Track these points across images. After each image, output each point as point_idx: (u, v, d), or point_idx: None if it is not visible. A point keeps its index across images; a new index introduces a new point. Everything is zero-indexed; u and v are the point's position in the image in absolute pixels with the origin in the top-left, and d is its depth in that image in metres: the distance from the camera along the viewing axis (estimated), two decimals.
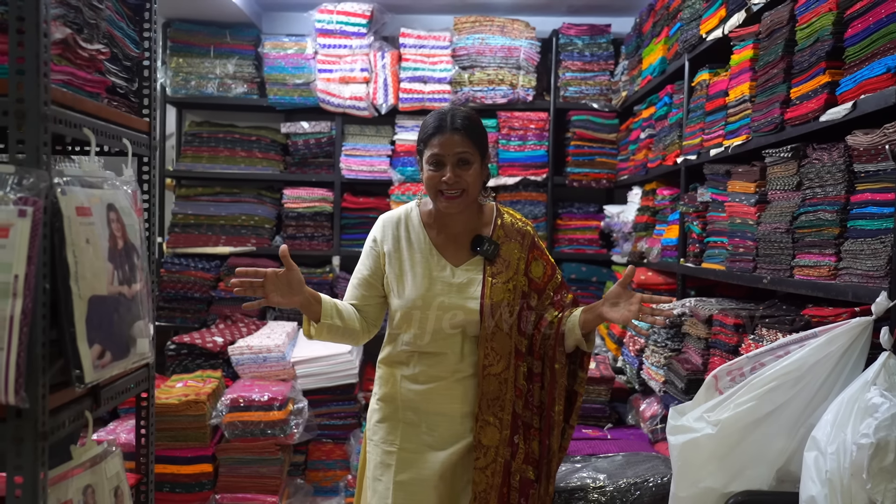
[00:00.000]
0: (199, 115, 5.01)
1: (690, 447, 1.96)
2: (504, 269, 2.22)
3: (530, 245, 2.28)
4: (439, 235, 2.26)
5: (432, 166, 2.14)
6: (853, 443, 1.55)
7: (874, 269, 1.83)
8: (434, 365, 2.21)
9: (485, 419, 2.17)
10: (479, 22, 4.65)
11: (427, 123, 2.20)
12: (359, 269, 2.31)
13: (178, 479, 3.41)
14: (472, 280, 2.20)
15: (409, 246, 2.25)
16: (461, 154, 2.13)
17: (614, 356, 3.85)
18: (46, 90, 1.56)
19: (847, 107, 1.92)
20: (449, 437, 2.20)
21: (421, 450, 2.20)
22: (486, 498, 2.16)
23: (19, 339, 1.43)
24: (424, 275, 2.20)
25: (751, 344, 2.31)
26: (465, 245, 2.24)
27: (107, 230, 1.69)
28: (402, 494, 2.18)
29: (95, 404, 1.80)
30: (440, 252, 2.23)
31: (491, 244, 2.22)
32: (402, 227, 2.28)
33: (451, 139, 2.12)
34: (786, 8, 2.31)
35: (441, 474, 2.18)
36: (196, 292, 4.57)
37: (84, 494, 1.70)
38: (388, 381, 2.28)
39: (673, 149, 3.45)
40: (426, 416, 2.21)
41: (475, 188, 2.19)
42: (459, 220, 2.23)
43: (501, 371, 2.19)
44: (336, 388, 3.98)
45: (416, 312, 2.17)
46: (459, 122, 2.15)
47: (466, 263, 2.23)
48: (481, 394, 2.18)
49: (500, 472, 2.16)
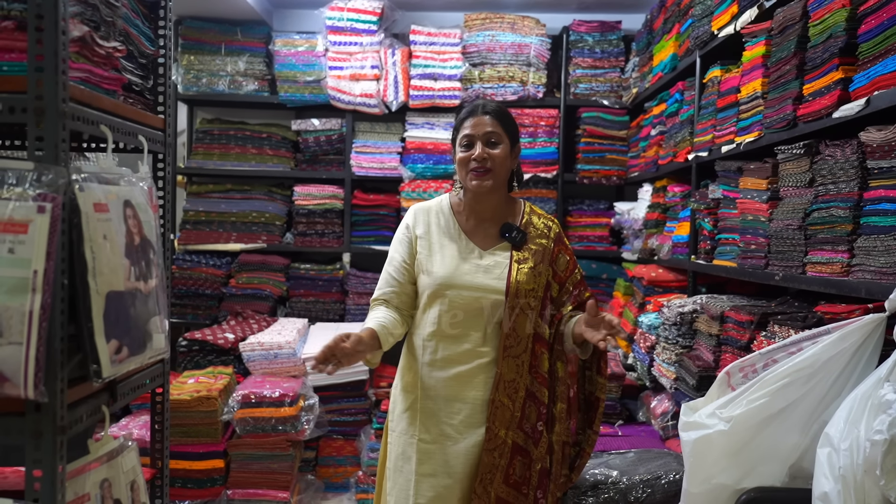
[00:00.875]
0: (210, 112, 5.03)
1: (703, 443, 1.96)
2: (530, 256, 2.28)
3: (556, 238, 2.35)
4: (468, 221, 2.34)
5: (463, 147, 2.27)
6: (867, 439, 1.55)
7: (888, 266, 1.83)
8: (456, 349, 2.24)
9: (500, 401, 2.21)
10: (490, 19, 4.65)
11: (460, 114, 2.34)
12: (392, 258, 2.36)
13: (189, 474, 3.44)
14: (499, 263, 2.27)
15: (439, 231, 2.34)
16: (490, 134, 2.25)
17: (625, 353, 3.85)
18: (65, 87, 1.57)
19: (860, 103, 1.92)
20: (469, 425, 2.22)
21: (441, 440, 2.22)
22: (491, 477, 2.19)
23: (38, 333, 1.44)
24: (453, 255, 2.28)
25: (763, 341, 2.31)
26: (493, 232, 2.32)
27: (123, 226, 1.71)
28: (425, 487, 2.20)
29: (112, 399, 1.81)
30: (469, 237, 2.32)
31: (519, 232, 2.30)
32: (433, 214, 2.37)
33: (482, 120, 2.26)
34: (798, 4, 2.30)
35: (463, 468, 2.21)
36: (207, 289, 4.59)
37: (101, 488, 1.71)
38: (411, 369, 2.31)
39: (684, 146, 3.45)
40: (446, 403, 2.24)
41: (503, 169, 2.28)
42: (488, 206, 2.32)
43: (520, 354, 2.23)
44: (347, 385, 3.99)
45: (444, 290, 2.23)
46: (490, 108, 2.30)
47: (494, 248, 2.30)
48: (499, 375, 2.22)
49: (508, 454, 2.20)
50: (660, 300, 3.43)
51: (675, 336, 3.03)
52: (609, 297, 4.60)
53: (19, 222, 1.44)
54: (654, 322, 3.35)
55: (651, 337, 3.35)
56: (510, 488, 2.21)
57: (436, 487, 2.20)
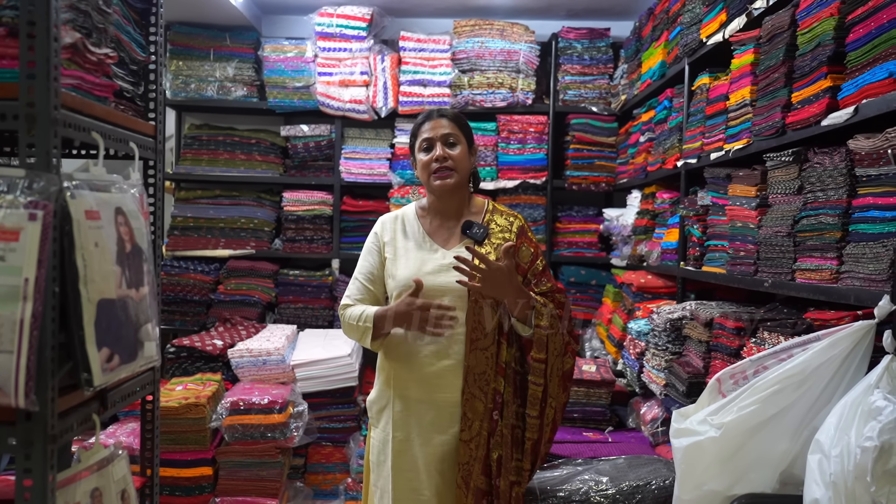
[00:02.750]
0: (199, 118, 5.01)
1: (694, 450, 1.97)
2: (493, 250, 2.35)
3: (519, 231, 2.42)
4: (432, 224, 2.45)
5: (424, 151, 2.40)
6: (857, 446, 1.55)
7: (876, 273, 1.84)
8: (424, 350, 2.31)
9: (471, 392, 2.29)
10: (479, 25, 4.67)
11: (416, 121, 2.47)
12: (362, 266, 2.45)
13: (178, 482, 3.41)
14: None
15: (404, 236, 2.44)
16: (448, 135, 2.38)
17: (614, 359, 3.86)
18: (56, 94, 1.56)
19: (849, 111, 1.94)
20: (438, 426, 2.31)
21: (413, 439, 2.32)
22: (470, 469, 2.28)
23: (29, 342, 1.43)
24: (416, 257, 2.38)
25: (752, 347, 2.32)
26: (455, 231, 2.42)
27: (115, 233, 1.70)
28: (401, 481, 2.31)
29: (103, 407, 1.80)
30: (432, 237, 2.42)
31: (480, 227, 2.39)
32: (399, 221, 2.48)
33: (439, 122, 2.40)
34: (787, 13, 2.32)
35: (436, 466, 2.30)
36: (195, 295, 4.57)
37: (91, 497, 1.70)
38: (384, 370, 2.41)
39: (673, 152, 3.47)
40: (417, 404, 2.33)
41: (464, 169, 2.40)
42: (451, 205, 2.43)
43: (488, 346, 2.30)
44: (336, 392, 3.98)
45: (408, 290, 2.28)
46: (445, 111, 2.44)
47: (457, 246, 2.39)
48: (468, 368, 2.29)
49: (484, 445, 2.28)
50: (649, 306, 3.45)
51: (665, 342, 3.04)
52: (598, 303, 4.61)
53: (10, 230, 1.43)
54: (643, 328, 3.36)
55: (640, 343, 3.36)
56: (486, 478, 2.29)
57: (411, 482, 2.31)
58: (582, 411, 3.42)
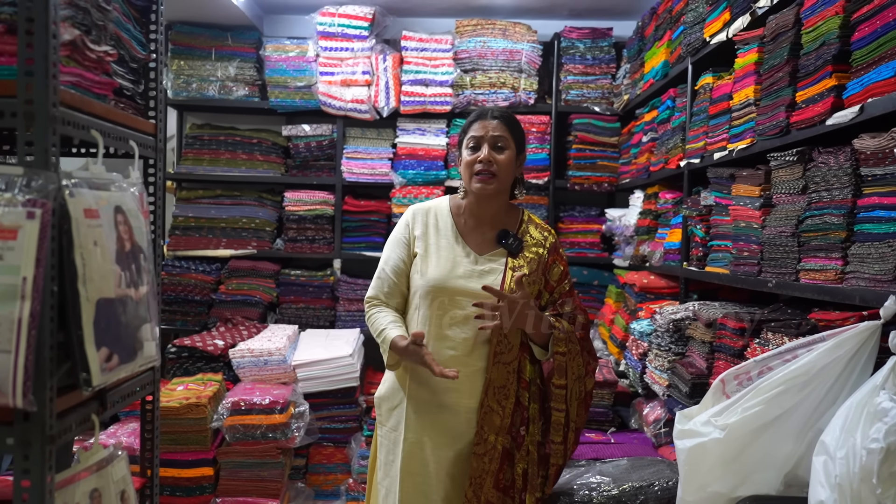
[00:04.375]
0: (200, 117, 5.00)
1: (698, 451, 1.96)
2: (525, 264, 2.31)
3: (552, 248, 2.38)
4: (466, 225, 2.38)
5: (470, 150, 2.32)
6: (863, 447, 1.54)
7: (882, 273, 1.83)
8: (444, 354, 2.26)
9: (489, 406, 2.24)
10: (481, 25, 4.65)
11: (469, 117, 2.38)
12: (389, 257, 2.38)
13: (178, 482, 3.40)
14: (494, 270, 2.30)
15: (436, 232, 2.36)
16: (497, 138, 2.30)
17: (617, 360, 3.84)
18: (55, 92, 1.55)
19: (854, 110, 1.92)
20: (453, 433, 2.27)
21: (425, 442, 2.26)
22: (481, 483, 2.23)
23: (27, 341, 1.42)
24: (448, 258, 2.30)
25: (756, 348, 2.31)
26: (490, 237, 2.35)
27: (114, 232, 1.68)
28: (409, 484, 2.26)
29: (102, 407, 1.79)
30: (465, 240, 2.35)
31: (516, 239, 2.33)
32: (432, 214, 2.40)
33: (489, 124, 2.31)
34: (791, 11, 2.31)
35: (447, 470, 2.26)
36: (197, 295, 4.56)
37: (90, 498, 1.69)
38: (398, 369, 2.34)
39: (676, 152, 3.45)
40: (431, 408, 2.28)
41: (507, 175, 2.32)
42: (488, 211, 2.36)
43: (511, 361, 2.26)
44: (337, 392, 3.97)
45: (437, 292, 2.26)
46: (498, 112, 2.35)
47: (490, 253, 2.33)
48: (489, 381, 2.24)
49: (498, 459, 2.24)
50: (652, 307, 3.43)
51: (668, 343, 3.02)
52: (601, 303, 4.60)
53: (8, 228, 1.42)
54: (646, 329, 3.34)
55: (643, 344, 3.34)
56: (499, 492, 2.24)
57: (419, 486, 2.26)
58: None
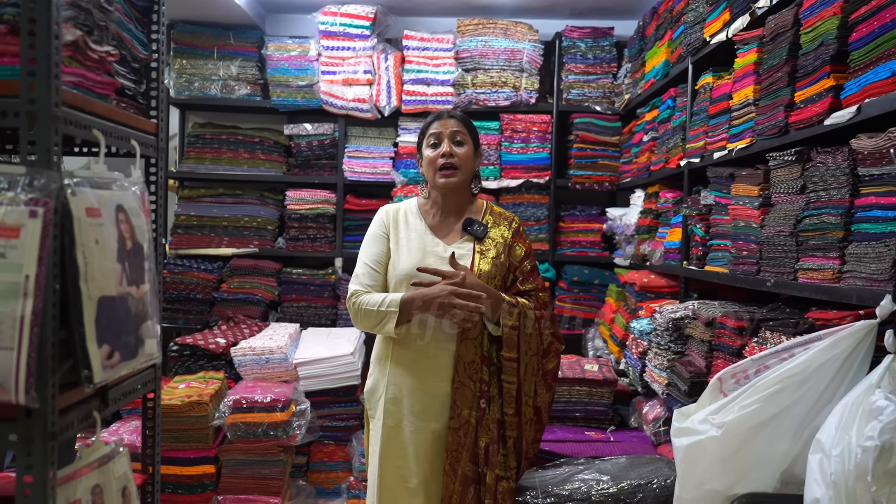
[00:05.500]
0: (203, 116, 5.02)
1: (695, 449, 1.97)
2: (491, 247, 2.48)
3: (515, 231, 2.56)
4: (434, 219, 2.57)
5: (431, 147, 2.50)
6: (858, 445, 1.55)
7: (878, 273, 1.84)
8: (420, 340, 2.42)
9: (461, 381, 2.40)
10: (483, 24, 4.66)
11: (427, 120, 2.59)
12: (369, 252, 2.54)
13: (180, 479, 3.42)
14: (463, 256, 2.47)
15: (406, 227, 2.55)
16: (457, 133, 2.50)
17: (617, 359, 3.85)
18: (57, 91, 1.56)
19: (852, 110, 1.93)
20: (428, 414, 2.42)
21: (403, 426, 2.42)
22: (458, 456, 2.38)
23: (30, 339, 1.43)
24: (418, 249, 2.49)
25: (754, 347, 2.32)
26: (457, 228, 2.55)
27: (116, 231, 1.70)
28: (389, 467, 2.44)
29: (103, 404, 1.80)
30: (433, 232, 2.54)
31: (480, 225, 2.51)
32: (402, 213, 2.59)
33: (448, 122, 2.52)
34: (790, 12, 2.32)
35: (425, 453, 2.41)
36: (198, 293, 4.58)
37: (92, 494, 1.70)
38: (381, 360, 2.51)
39: (676, 152, 3.46)
40: (409, 392, 2.43)
41: (468, 168, 2.52)
42: (452, 203, 2.55)
43: (476, 336, 2.42)
44: (338, 390, 3.99)
45: (409, 282, 2.41)
46: (455, 112, 2.58)
47: (458, 242, 2.51)
48: (458, 357, 2.41)
49: (472, 433, 2.39)
50: (652, 306, 3.44)
51: (667, 342, 3.03)
52: (601, 302, 4.60)
53: (11, 227, 1.43)
54: (645, 328, 3.35)
55: (643, 342, 3.35)
56: (474, 466, 2.39)
57: (399, 469, 2.43)
58: (584, 410, 3.41)
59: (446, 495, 2.39)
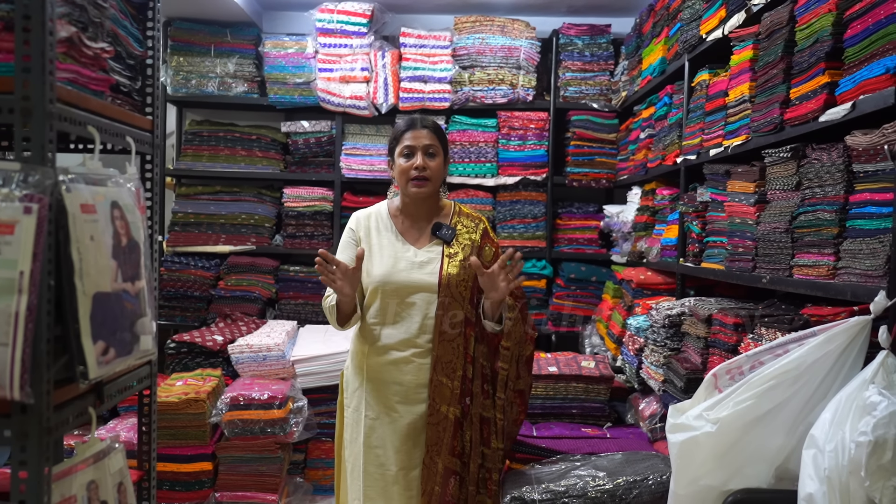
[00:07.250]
0: (200, 113, 5.02)
1: (690, 445, 1.97)
2: (460, 250, 2.56)
3: (483, 232, 2.63)
4: (404, 223, 2.64)
5: (404, 157, 2.56)
6: (851, 441, 1.56)
7: (873, 269, 1.84)
8: (395, 337, 2.52)
9: (438, 379, 2.49)
10: (480, 22, 4.66)
11: (398, 125, 2.64)
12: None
13: (178, 477, 3.43)
14: (432, 259, 2.56)
15: (377, 233, 2.62)
16: (429, 146, 2.55)
17: (613, 355, 3.86)
18: (52, 88, 1.56)
19: (846, 107, 1.93)
20: (407, 402, 2.52)
21: (383, 417, 2.53)
22: (438, 449, 2.48)
23: (24, 335, 1.43)
24: (390, 255, 2.56)
25: (750, 343, 2.32)
26: (426, 232, 2.62)
27: (111, 227, 1.70)
28: (371, 456, 2.53)
29: (99, 401, 1.80)
30: (404, 237, 2.61)
31: (449, 229, 2.59)
32: (373, 218, 2.66)
33: (420, 133, 2.56)
34: (786, 9, 2.32)
35: (404, 442, 2.50)
36: (196, 291, 4.58)
37: (88, 490, 1.70)
38: (357, 355, 2.60)
39: (672, 149, 3.46)
40: (386, 385, 2.53)
41: (438, 179, 2.59)
42: (422, 209, 2.62)
43: (455, 337, 2.49)
44: (335, 387, 3.97)
45: (383, 287, 2.52)
46: (428, 123, 2.60)
47: (427, 246, 2.59)
48: (436, 357, 2.50)
49: (451, 428, 2.47)
50: (648, 303, 3.44)
51: (664, 338, 3.04)
52: (598, 299, 4.61)
53: (5, 223, 1.43)
54: (642, 324, 3.36)
55: (639, 339, 3.35)
56: (455, 458, 2.48)
57: (380, 457, 2.52)
58: (581, 407, 3.41)
59: (428, 487, 2.49)
